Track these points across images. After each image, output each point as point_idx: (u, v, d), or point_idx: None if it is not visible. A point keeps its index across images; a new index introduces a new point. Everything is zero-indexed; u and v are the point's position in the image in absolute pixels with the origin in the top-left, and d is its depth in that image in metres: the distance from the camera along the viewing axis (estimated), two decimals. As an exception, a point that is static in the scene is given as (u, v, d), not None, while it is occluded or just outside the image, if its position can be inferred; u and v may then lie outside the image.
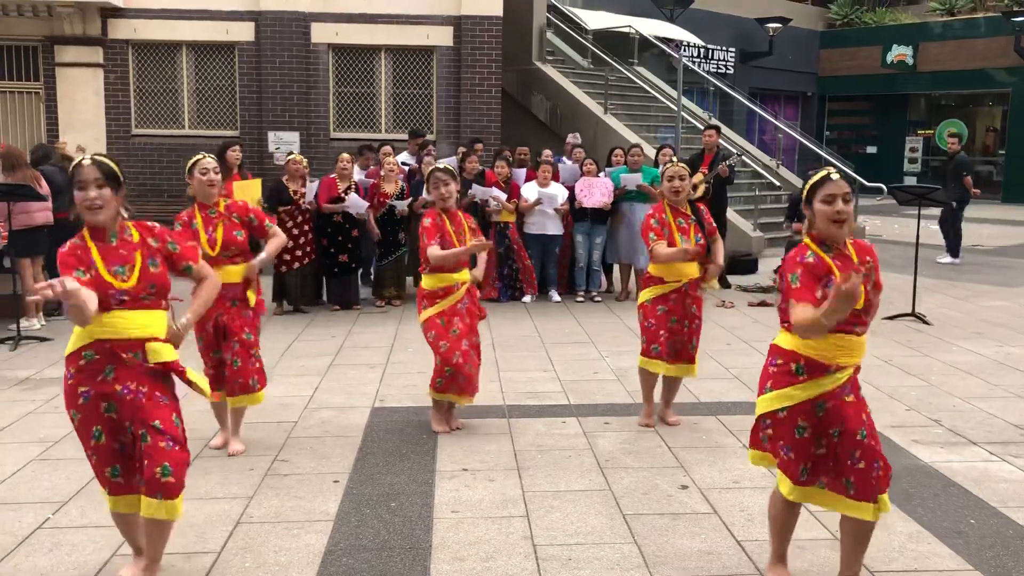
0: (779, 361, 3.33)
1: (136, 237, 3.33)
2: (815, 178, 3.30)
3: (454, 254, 5.19)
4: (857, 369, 3.32)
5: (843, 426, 3.23)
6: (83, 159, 3.27)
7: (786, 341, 3.32)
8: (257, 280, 5.11)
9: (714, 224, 5.62)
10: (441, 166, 5.43)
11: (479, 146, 10.89)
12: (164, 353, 3.29)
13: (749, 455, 3.54)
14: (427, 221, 5.26)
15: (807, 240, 3.29)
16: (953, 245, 13.08)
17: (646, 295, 5.48)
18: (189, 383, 3.38)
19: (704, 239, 5.40)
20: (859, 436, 3.22)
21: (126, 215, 3.36)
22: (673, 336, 5.43)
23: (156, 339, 3.28)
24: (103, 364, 3.23)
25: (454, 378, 5.27)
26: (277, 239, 5.11)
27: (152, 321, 3.27)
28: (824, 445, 3.28)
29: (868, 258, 3.30)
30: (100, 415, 3.25)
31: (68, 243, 3.27)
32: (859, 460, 3.21)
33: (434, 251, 5.16)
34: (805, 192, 3.32)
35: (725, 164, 10.28)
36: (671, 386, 5.64)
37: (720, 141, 11.47)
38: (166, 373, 3.32)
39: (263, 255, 5.01)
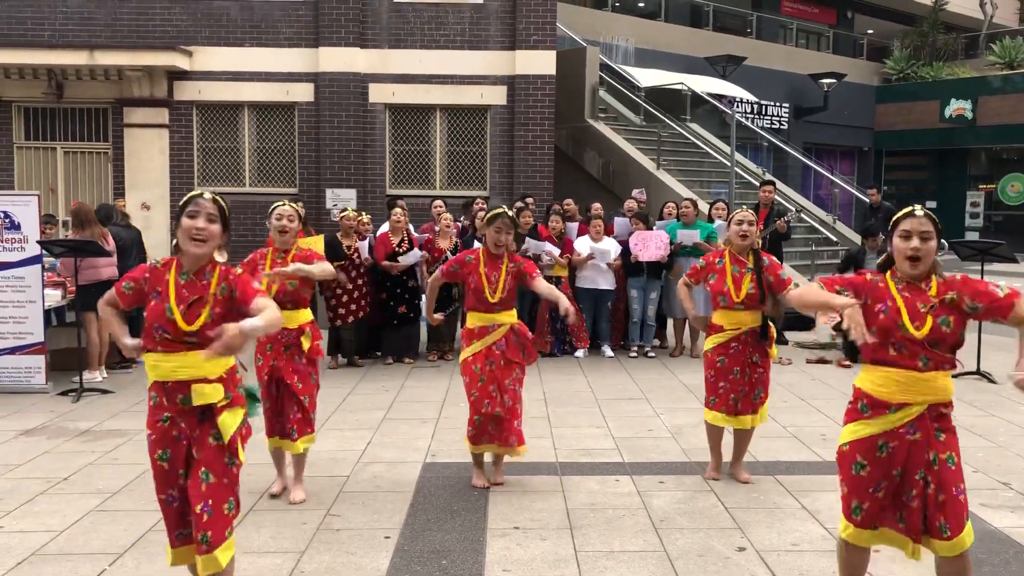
0: (851, 399, 3.35)
1: (214, 282, 3.30)
2: (900, 213, 3.26)
3: (430, 289, 5.56)
4: (936, 410, 3.19)
5: (904, 467, 3.16)
6: (203, 192, 3.32)
7: (858, 379, 3.32)
8: (315, 325, 5.20)
9: (783, 278, 5.31)
10: (511, 214, 5.34)
11: (531, 200, 10.97)
12: (209, 395, 3.27)
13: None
14: (468, 257, 5.29)
15: (887, 276, 3.28)
16: None
17: (708, 344, 5.44)
18: (215, 424, 3.32)
19: (756, 290, 5.30)
20: (917, 476, 3.14)
21: (222, 259, 3.39)
22: (735, 388, 5.35)
23: (206, 380, 3.26)
24: (161, 411, 3.28)
25: (484, 426, 5.23)
26: (324, 265, 5.16)
27: (197, 362, 3.22)
28: (883, 488, 3.19)
29: (950, 293, 3.16)
30: (155, 462, 3.31)
31: (151, 263, 3.38)
32: (918, 497, 3.14)
33: (433, 275, 5.50)
34: (891, 227, 3.29)
35: (783, 220, 10.20)
36: (739, 441, 5.54)
37: (776, 197, 11.39)
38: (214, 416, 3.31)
39: (298, 266, 4.94)
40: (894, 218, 3.27)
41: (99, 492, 5.31)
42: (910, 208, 3.26)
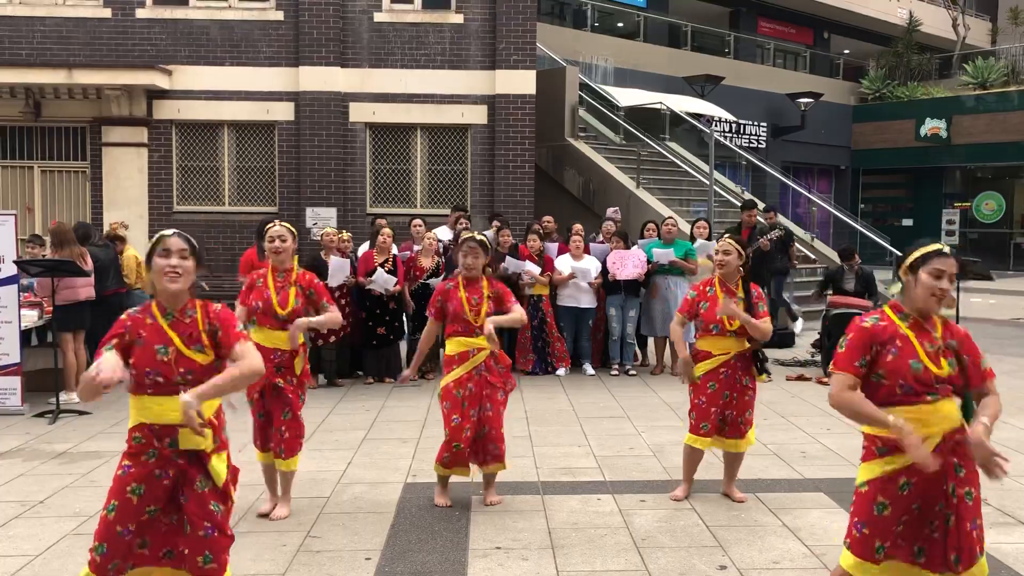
0: (865, 444, 3.29)
1: (198, 318, 3.31)
2: (928, 248, 3.20)
3: (424, 342, 5.49)
4: (951, 440, 3.15)
5: (922, 500, 3.14)
6: (167, 231, 3.35)
7: (868, 427, 3.25)
8: (305, 349, 5.20)
9: (765, 311, 5.42)
10: (478, 237, 5.35)
11: (496, 223, 10.85)
12: (197, 441, 3.23)
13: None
14: (446, 285, 5.30)
15: (886, 307, 3.24)
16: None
17: (698, 371, 5.41)
18: (207, 471, 3.30)
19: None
20: (937, 508, 3.12)
21: (197, 290, 3.40)
22: (724, 411, 5.38)
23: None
24: (148, 447, 3.24)
25: (460, 454, 5.24)
26: (332, 315, 5.23)
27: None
28: (903, 523, 3.17)
29: (953, 340, 3.22)
30: (123, 491, 3.22)
31: (128, 313, 3.33)
32: (939, 529, 3.11)
33: (425, 330, 5.45)
34: (914, 258, 3.20)
35: (767, 238, 10.27)
36: (731, 463, 5.54)
37: (759, 219, 11.45)
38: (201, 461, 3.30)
39: (313, 319, 5.13)
40: (921, 252, 3.19)
41: (76, 515, 5.24)
42: (938, 246, 3.20)
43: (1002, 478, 3.08)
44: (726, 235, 5.66)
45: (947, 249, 3.21)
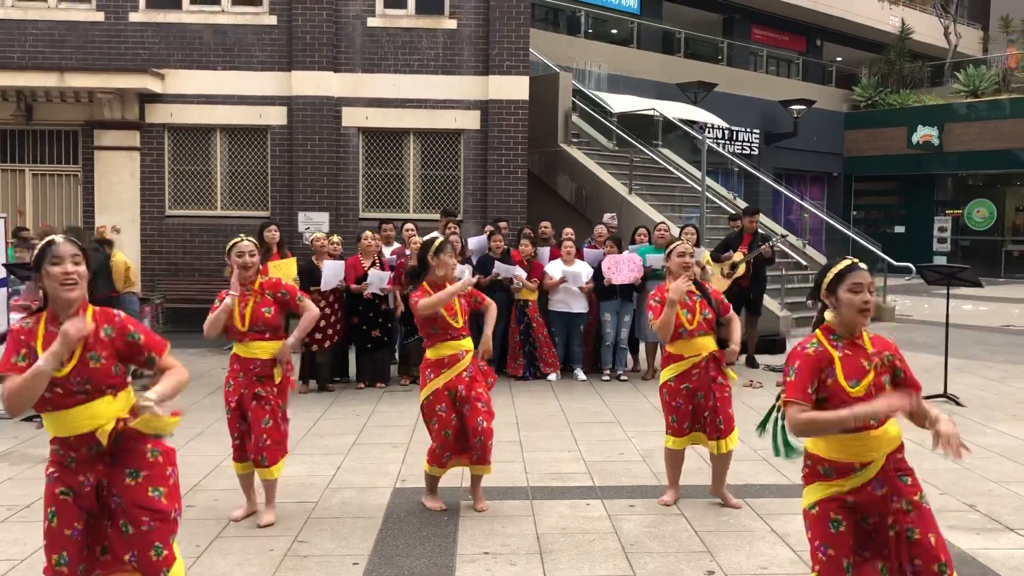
0: (808, 463, 3.27)
1: (89, 321, 3.17)
2: (840, 266, 3.22)
3: (439, 298, 5.14)
4: (892, 458, 3.18)
5: (872, 518, 3.14)
6: (55, 236, 3.19)
7: (812, 445, 3.25)
8: (289, 360, 5.17)
9: (726, 303, 5.62)
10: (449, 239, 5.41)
11: (504, 224, 11.00)
12: (108, 428, 3.13)
13: None
14: (414, 297, 5.27)
15: (818, 333, 3.23)
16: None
17: (668, 374, 5.46)
18: (137, 468, 3.19)
19: (712, 315, 5.41)
20: (890, 532, 3.11)
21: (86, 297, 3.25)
22: (700, 412, 5.40)
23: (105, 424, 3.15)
24: (67, 455, 3.17)
25: (454, 445, 5.28)
26: (308, 314, 5.18)
27: (100, 411, 3.13)
28: (857, 536, 3.17)
29: (886, 352, 3.23)
30: (56, 496, 3.16)
31: (18, 324, 3.19)
32: (894, 552, 3.10)
33: (422, 301, 5.14)
34: (828, 280, 3.23)
35: (768, 245, 10.30)
36: (719, 464, 5.53)
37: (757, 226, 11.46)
38: (128, 446, 3.19)
39: (291, 339, 5.09)
40: (835, 271, 3.21)
41: (62, 519, 5.21)
42: (848, 261, 3.23)
43: (964, 457, 3.13)
44: (682, 239, 5.77)
45: (861, 264, 3.22)
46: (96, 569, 3.19)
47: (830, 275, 3.23)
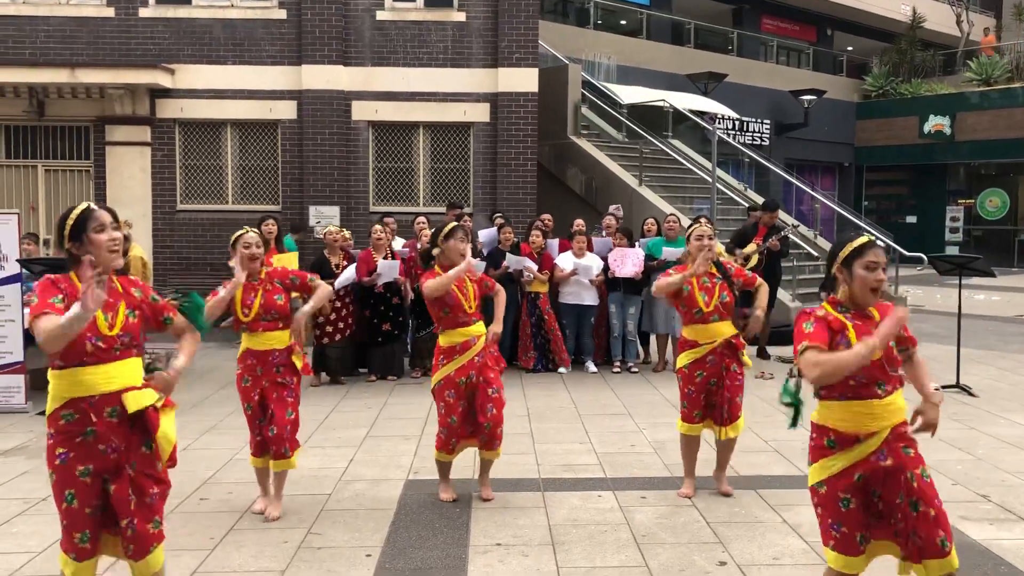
0: (814, 435, 3.32)
1: (120, 288, 3.35)
2: (859, 242, 3.25)
3: (446, 277, 5.12)
4: (896, 431, 3.22)
5: (883, 491, 3.18)
6: (90, 205, 3.33)
7: (818, 415, 3.30)
8: (301, 343, 5.19)
9: (751, 274, 5.63)
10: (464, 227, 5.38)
11: (499, 219, 10.86)
12: (143, 398, 3.26)
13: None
14: (427, 275, 5.28)
15: (825, 304, 3.27)
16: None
17: (683, 360, 5.46)
18: (154, 439, 3.31)
19: (731, 297, 5.41)
20: (898, 499, 3.15)
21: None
22: (713, 398, 5.41)
23: (133, 388, 3.27)
24: (83, 426, 3.22)
25: (458, 430, 5.30)
26: (321, 290, 5.19)
27: (126, 371, 3.26)
28: (870, 511, 3.23)
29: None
30: (74, 478, 3.22)
31: (49, 277, 3.26)
32: (904, 520, 3.14)
33: (428, 283, 5.15)
34: (846, 254, 3.25)
35: (775, 238, 10.28)
36: (724, 450, 5.55)
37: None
38: (146, 421, 3.29)
39: (307, 306, 5.08)
40: (852, 246, 3.24)
41: (78, 512, 5.26)
42: (868, 238, 3.26)
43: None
44: (701, 222, 5.72)
45: (877, 240, 3.27)
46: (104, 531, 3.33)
47: (848, 249, 3.25)
